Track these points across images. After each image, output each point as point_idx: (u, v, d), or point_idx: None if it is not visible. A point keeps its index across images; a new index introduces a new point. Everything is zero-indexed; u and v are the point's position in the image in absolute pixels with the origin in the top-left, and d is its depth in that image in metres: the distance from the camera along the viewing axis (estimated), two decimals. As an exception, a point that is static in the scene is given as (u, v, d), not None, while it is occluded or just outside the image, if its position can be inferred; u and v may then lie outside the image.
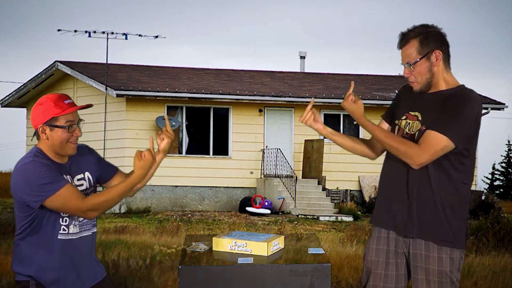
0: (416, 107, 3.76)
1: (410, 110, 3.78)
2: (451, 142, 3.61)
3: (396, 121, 3.83)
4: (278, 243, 3.67)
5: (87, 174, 3.68)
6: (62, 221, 3.57)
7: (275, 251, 3.63)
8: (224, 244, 3.64)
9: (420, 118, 3.72)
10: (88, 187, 3.67)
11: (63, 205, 3.47)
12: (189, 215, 20.22)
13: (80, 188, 3.61)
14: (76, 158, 3.68)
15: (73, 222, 3.60)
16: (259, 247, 3.56)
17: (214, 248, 3.66)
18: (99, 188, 3.75)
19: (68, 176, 3.59)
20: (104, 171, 3.78)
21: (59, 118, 3.53)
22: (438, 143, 3.60)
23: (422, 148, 3.61)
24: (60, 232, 3.58)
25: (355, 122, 4.52)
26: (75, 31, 23.04)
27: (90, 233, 3.69)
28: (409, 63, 3.70)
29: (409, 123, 3.75)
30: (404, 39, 3.73)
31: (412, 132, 3.72)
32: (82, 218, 3.60)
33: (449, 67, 3.76)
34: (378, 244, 3.82)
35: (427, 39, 3.69)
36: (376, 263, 3.80)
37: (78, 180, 3.63)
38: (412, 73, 3.71)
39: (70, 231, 3.60)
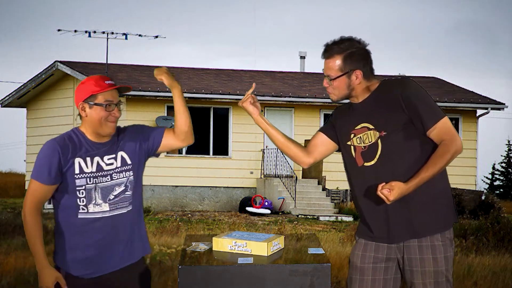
0: (357, 121, 3.78)
1: (353, 127, 3.79)
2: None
3: (348, 143, 3.82)
4: (278, 243, 3.67)
5: (120, 153, 3.74)
6: (80, 201, 3.65)
7: (275, 251, 3.63)
8: (224, 244, 3.64)
9: (371, 126, 3.71)
10: (118, 165, 3.72)
11: (26, 193, 3.67)
12: (189, 215, 20.22)
13: (109, 167, 3.69)
14: (117, 138, 3.77)
15: (94, 201, 3.65)
16: (259, 247, 3.56)
17: (214, 248, 3.66)
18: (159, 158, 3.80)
19: (96, 158, 3.67)
20: (152, 141, 3.84)
21: (97, 96, 3.66)
22: (449, 125, 3.65)
23: (453, 139, 3.62)
24: (79, 211, 3.65)
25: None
26: (75, 31, 23.05)
27: (125, 211, 3.72)
28: (329, 76, 3.75)
29: (360, 137, 3.75)
30: (328, 52, 3.75)
31: (370, 142, 3.71)
32: (113, 196, 3.67)
33: (372, 74, 3.78)
34: (364, 251, 3.78)
35: (351, 58, 3.71)
36: (362, 269, 3.76)
37: (108, 159, 3.71)
38: (331, 86, 3.77)
39: (90, 210, 3.65)
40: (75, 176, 3.64)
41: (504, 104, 23.76)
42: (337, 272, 8.93)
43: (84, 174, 3.65)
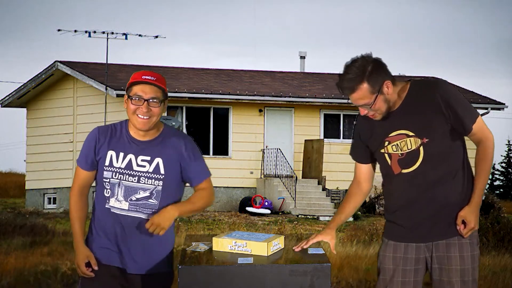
0: (392, 128, 3.69)
1: (387, 134, 3.70)
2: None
3: (382, 150, 3.73)
4: (278, 243, 3.67)
5: (157, 159, 3.64)
6: (106, 192, 3.67)
7: (275, 251, 3.63)
8: (224, 244, 3.64)
9: (410, 133, 3.65)
10: (150, 171, 3.64)
11: (74, 177, 3.76)
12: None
13: (141, 169, 3.63)
14: (164, 142, 3.67)
15: (116, 197, 3.64)
16: (259, 247, 3.56)
17: (214, 248, 3.66)
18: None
19: (130, 155, 3.63)
20: (191, 175, 3.72)
21: (132, 88, 3.61)
22: (481, 128, 3.67)
23: (488, 137, 3.65)
24: (107, 202, 3.67)
25: (354, 122, 4.41)
26: (75, 31, 23.04)
27: (145, 217, 3.64)
28: (366, 105, 3.61)
29: (397, 144, 3.68)
30: (349, 86, 3.57)
31: (409, 149, 3.65)
32: (135, 198, 3.63)
33: (394, 78, 3.67)
34: (395, 252, 3.76)
35: (373, 76, 3.57)
36: (393, 271, 3.74)
37: (142, 160, 3.65)
38: (370, 111, 3.65)
39: (111, 204, 3.65)
40: (104, 167, 3.65)
41: (504, 104, 23.78)
42: (337, 272, 8.94)
43: (112, 168, 3.63)
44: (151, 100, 3.58)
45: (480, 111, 23.86)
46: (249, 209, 20.97)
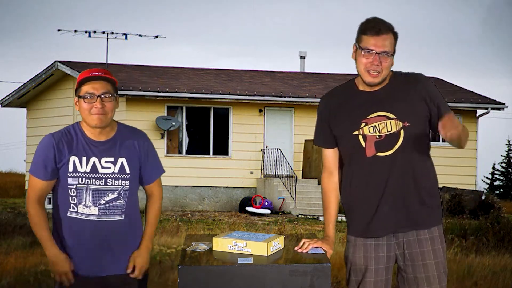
0: (372, 109, 3.65)
1: (365, 116, 3.66)
2: None
3: (355, 132, 3.67)
4: (278, 243, 3.67)
5: (121, 159, 3.65)
6: (71, 199, 3.59)
7: (275, 251, 3.63)
8: (224, 244, 3.64)
9: (391, 116, 3.63)
10: (116, 172, 3.63)
11: (28, 188, 3.64)
12: (189, 215, 20.22)
13: (106, 171, 3.61)
14: (122, 140, 3.67)
15: (84, 203, 3.58)
16: (259, 247, 3.56)
17: (214, 248, 3.66)
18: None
19: (93, 158, 3.59)
20: (145, 173, 3.77)
21: (81, 88, 3.58)
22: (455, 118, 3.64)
23: (464, 128, 3.61)
24: (69, 210, 3.59)
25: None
26: (75, 31, 23.06)
27: (116, 219, 3.64)
28: (386, 53, 3.58)
29: (375, 126, 3.64)
30: (384, 27, 3.59)
31: (389, 132, 3.62)
32: (104, 201, 3.59)
33: None
34: (365, 252, 3.74)
35: (396, 39, 3.66)
36: (364, 271, 3.73)
37: (106, 162, 3.62)
38: (380, 65, 3.59)
39: (79, 211, 3.59)
40: (68, 174, 3.58)
41: (504, 104, 23.76)
42: (337, 272, 8.93)
43: (77, 173, 3.58)
44: (103, 96, 3.57)
45: (480, 111, 23.87)
46: (249, 209, 20.97)
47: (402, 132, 3.63)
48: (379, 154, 3.65)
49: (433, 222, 3.72)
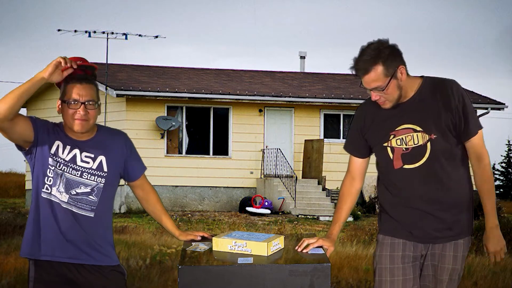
0: (399, 121, 3.65)
1: (394, 128, 3.67)
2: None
3: (385, 144, 3.70)
4: (278, 243, 3.67)
5: (101, 157, 3.69)
6: (47, 180, 3.62)
7: (275, 251, 3.63)
8: (224, 244, 3.64)
9: (418, 128, 3.63)
10: (93, 168, 3.67)
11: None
12: (189, 215, 20.23)
13: (84, 165, 3.65)
14: (101, 140, 3.72)
15: (57, 187, 3.60)
16: (259, 247, 3.56)
17: (214, 248, 3.66)
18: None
19: (75, 149, 3.64)
20: (131, 170, 3.82)
21: (65, 93, 3.64)
22: (481, 141, 3.65)
23: (484, 156, 3.66)
24: (43, 190, 3.62)
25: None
26: (75, 31, 23.03)
27: (85, 214, 3.64)
28: (379, 88, 3.56)
29: (402, 138, 3.65)
30: (364, 67, 3.52)
31: (416, 144, 3.63)
32: (75, 192, 3.61)
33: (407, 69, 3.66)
34: (392, 251, 3.75)
35: (389, 58, 3.54)
36: (392, 270, 3.74)
37: (86, 157, 3.67)
38: (382, 96, 3.60)
39: (53, 193, 3.61)
40: (50, 154, 3.61)
41: (504, 104, 23.76)
42: (337, 272, 8.94)
43: (57, 157, 3.62)
44: (87, 103, 3.63)
45: (480, 111, 23.86)
46: (249, 209, 20.97)
47: (429, 144, 3.62)
48: (406, 166, 3.67)
49: (466, 232, 3.78)
